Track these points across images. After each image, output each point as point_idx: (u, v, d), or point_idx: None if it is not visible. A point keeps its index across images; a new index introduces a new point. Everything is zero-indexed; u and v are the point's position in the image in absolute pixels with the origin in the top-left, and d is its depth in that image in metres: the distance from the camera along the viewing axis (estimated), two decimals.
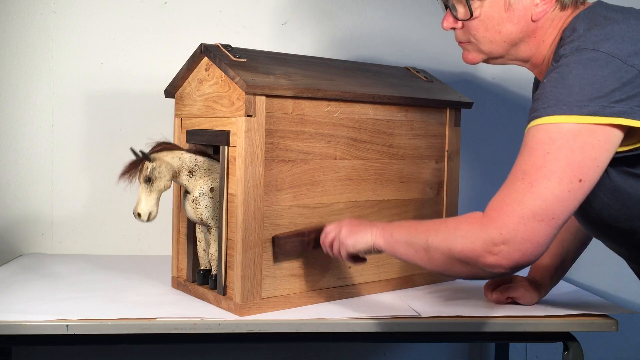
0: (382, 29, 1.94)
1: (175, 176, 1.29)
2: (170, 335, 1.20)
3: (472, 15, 1.11)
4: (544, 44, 1.11)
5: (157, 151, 1.27)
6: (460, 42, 1.18)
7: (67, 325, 1.16)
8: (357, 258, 1.21)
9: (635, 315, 1.99)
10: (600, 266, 1.98)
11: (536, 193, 0.92)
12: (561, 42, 1.04)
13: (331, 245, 1.22)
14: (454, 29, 1.17)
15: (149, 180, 1.24)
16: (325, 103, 1.33)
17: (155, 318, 1.20)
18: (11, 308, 1.22)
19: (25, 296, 1.32)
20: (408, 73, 1.63)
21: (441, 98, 1.53)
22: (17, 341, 1.24)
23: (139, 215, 1.23)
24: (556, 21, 1.09)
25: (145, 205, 1.24)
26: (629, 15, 1.01)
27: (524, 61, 1.16)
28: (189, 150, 1.32)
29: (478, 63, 1.18)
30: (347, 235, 1.17)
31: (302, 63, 1.41)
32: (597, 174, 0.94)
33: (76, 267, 1.60)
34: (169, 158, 1.28)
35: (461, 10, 1.13)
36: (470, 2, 1.10)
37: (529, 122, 0.98)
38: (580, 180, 0.93)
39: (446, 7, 1.17)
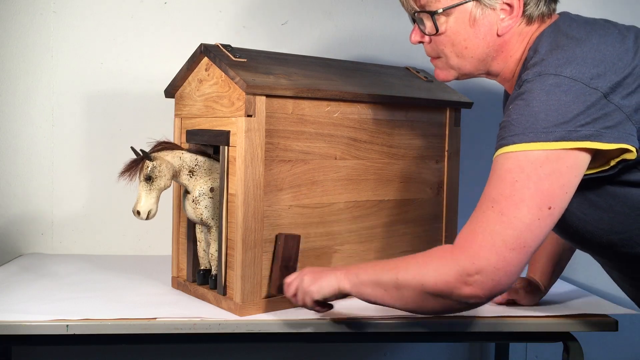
0: (382, 29, 1.94)
1: (175, 175, 1.29)
2: (170, 335, 1.20)
3: (437, 30, 1.10)
4: (512, 59, 1.11)
5: (158, 150, 1.28)
6: (431, 59, 1.17)
7: (67, 325, 1.16)
8: (323, 305, 1.16)
9: (635, 315, 1.99)
10: (600, 266, 1.98)
11: (506, 222, 0.92)
12: (525, 62, 1.04)
13: (294, 295, 1.16)
14: (421, 42, 1.16)
15: (149, 179, 1.24)
16: (325, 103, 1.33)
17: (155, 318, 1.20)
18: (11, 308, 1.22)
19: (25, 296, 1.32)
20: (408, 73, 1.63)
21: (441, 98, 1.54)
22: (17, 341, 1.24)
23: (138, 213, 1.24)
24: (523, 36, 1.09)
25: (145, 204, 1.24)
26: (592, 32, 1.01)
27: (494, 75, 1.16)
28: (189, 150, 1.32)
29: (451, 80, 1.17)
30: (310, 283, 1.13)
31: (302, 63, 1.41)
32: (566, 201, 0.95)
33: (76, 267, 1.60)
34: (170, 157, 1.28)
35: (428, 25, 1.12)
36: (436, 17, 1.09)
37: (496, 149, 0.98)
38: (549, 208, 0.93)
39: (414, 21, 1.16)
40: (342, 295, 1.11)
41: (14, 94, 1.76)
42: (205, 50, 1.30)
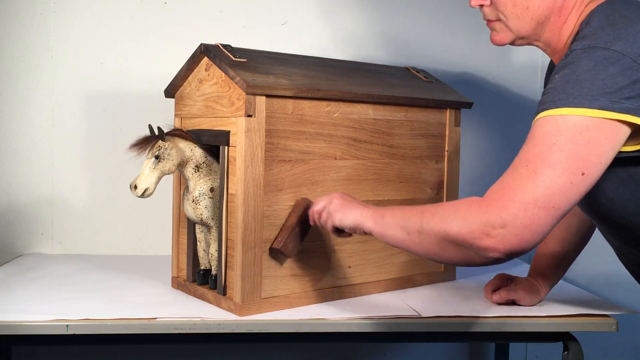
0: (382, 29, 1.94)
1: (182, 164, 1.30)
2: (170, 335, 1.20)
3: None
4: (566, 28, 1.11)
5: (174, 135, 1.29)
6: (488, 21, 1.17)
7: (67, 325, 1.16)
8: (342, 232, 1.20)
9: (635, 315, 1.99)
10: (600, 266, 1.98)
11: (539, 181, 0.92)
12: (576, 35, 1.05)
13: (319, 215, 1.20)
14: (481, 6, 1.16)
15: (157, 158, 1.25)
16: (325, 103, 1.33)
17: (155, 318, 1.20)
18: (11, 308, 1.22)
19: (25, 296, 1.32)
20: (408, 73, 1.63)
21: (441, 98, 1.54)
22: (17, 341, 1.24)
23: (135, 187, 1.24)
24: (579, 2, 1.09)
25: (145, 180, 1.24)
26: None
27: (546, 45, 1.16)
28: (202, 146, 1.33)
29: (506, 44, 1.17)
30: (336, 208, 1.16)
31: (302, 63, 1.41)
32: (600, 170, 0.95)
33: (76, 267, 1.60)
34: (182, 145, 1.30)
35: None
36: None
37: (537, 113, 0.99)
38: (583, 174, 0.93)
39: None
40: (362, 232, 1.12)
41: (14, 94, 1.76)
42: (205, 50, 1.30)
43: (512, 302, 1.35)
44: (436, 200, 1.56)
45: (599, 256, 1.90)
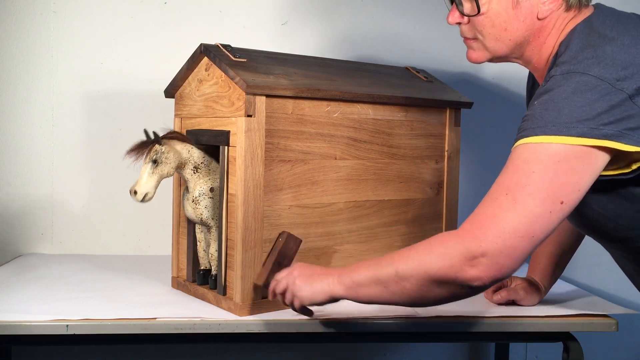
0: (382, 29, 1.94)
1: (180, 167, 1.30)
2: (170, 335, 1.20)
3: (479, 11, 1.09)
4: (546, 46, 1.10)
5: (170, 138, 1.29)
6: (465, 39, 1.16)
7: (67, 325, 1.16)
8: (308, 310, 1.18)
9: (635, 315, 1.99)
10: (600, 266, 1.98)
11: (519, 210, 0.92)
12: (555, 57, 1.04)
13: (282, 294, 1.15)
14: (459, 24, 1.15)
15: (154, 162, 1.25)
16: (325, 103, 1.33)
17: (155, 318, 1.20)
18: (11, 308, 1.22)
19: (25, 296, 1.32)
20: (408, 73, 1.63)
21: (441, 98, 1.54)
22: (17, 341, 1.24)
23: (135, 192, 1.23)
24: (559, 22, 1.08)
25: (144, 185, 1.24)
26: (625, 32, 1.00)
27: (526, 62, 1.15)
28: (199, 147, 1.32)
29: (483, 62, 1.17)
30: (302, 287, 1.11)
31: (302, 63, 1.41)
32: (578, 197, 0.95)
33: (76, 267, 1.60)
34: (179, 147, 1.29)
35: (467, 6, 1.11)
36: None
37: (516, 140, 0.98)
38: (561, 203, 0.93)
39: (452, 1, 1.15)
40: (334, 300, 1.10)
41: (14, 94, 1.76)
42: (205, 50, 1.30)
43: (512, 302, 1.35)
44: (436, 201, 1.56)
45: (599, 256, 1.90)
